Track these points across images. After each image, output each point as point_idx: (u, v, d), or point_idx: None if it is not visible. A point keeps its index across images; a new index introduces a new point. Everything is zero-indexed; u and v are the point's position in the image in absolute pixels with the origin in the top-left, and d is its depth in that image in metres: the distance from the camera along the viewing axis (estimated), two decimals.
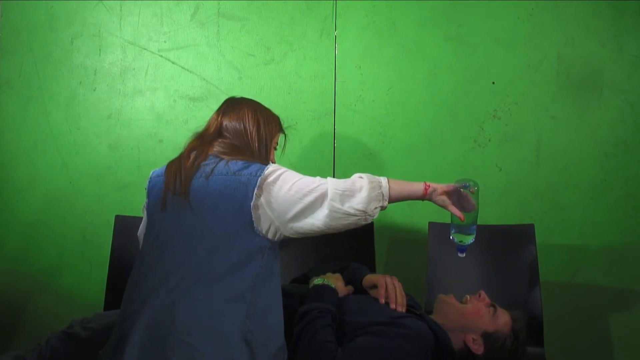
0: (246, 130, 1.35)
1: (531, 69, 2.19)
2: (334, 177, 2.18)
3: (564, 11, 2.19)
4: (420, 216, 2.16)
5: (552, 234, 2.15)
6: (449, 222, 1.41)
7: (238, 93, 2.22)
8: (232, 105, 1.42)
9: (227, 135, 1.35)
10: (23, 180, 2.25)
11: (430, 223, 2.02)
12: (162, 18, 2.26)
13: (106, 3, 2.27)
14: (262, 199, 1.19)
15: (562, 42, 2.19)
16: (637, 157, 2.16)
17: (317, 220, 1.20)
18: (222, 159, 1.27)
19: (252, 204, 1.18)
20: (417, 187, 1.31)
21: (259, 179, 1.19)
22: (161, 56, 2.26)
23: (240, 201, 1.19)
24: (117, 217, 2.02)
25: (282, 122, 1.47)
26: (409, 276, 1.63)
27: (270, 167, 1.24)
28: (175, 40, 2.26)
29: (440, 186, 1.32)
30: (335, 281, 1.49)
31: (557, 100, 2.19)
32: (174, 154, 1.40)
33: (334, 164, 2.22)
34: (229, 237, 1.18)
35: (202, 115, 2.24)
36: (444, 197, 1.33)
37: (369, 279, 1.54)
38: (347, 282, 1.55)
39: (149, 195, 1.32)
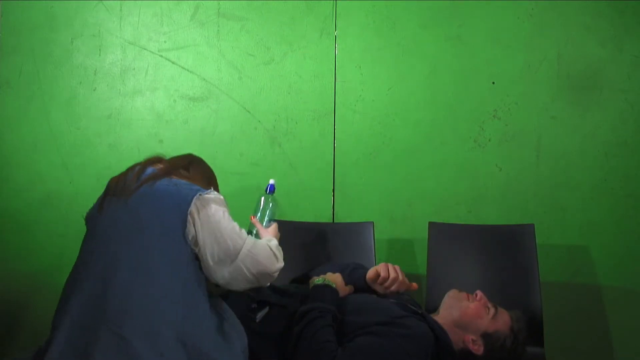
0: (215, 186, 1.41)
1: (531, 69, 2.19)
2: (333, 176, 2.21)
3: (564, 11, 2.19)
4: (420, 216, 2.16)
5: (552, 234, 2.15)
6: (448, 221, 1.40)
7: (238, 93, 2.25)
8: (199, 161, 1.45)
9: (193, 172, 1.37)
10: (23, 180, 2.25)
11: (430, 223, 2.01)
12: (162, 18, 2.26)
13: (106, 3, 2.27)
14: (199, 212, 1.20)
15: (562, 42, 2.19)
16: (637, 157, 2.16)
17: (217, 274, 1.21)
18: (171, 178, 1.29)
19: (189, 209, 1.19)
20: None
21: (199, 193, 1.21)
22: (161, 56, 2.26)
23: (179, 202, 1.20)
24: None
25: None
26: (409, 276, 1.62)
27: (214, 193, 1.25)
28: (175, 40, 2.26)
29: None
30: (335, 281, 1.49)
31: (557, 100, 2.18)
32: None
33: (334, 164, 2.22)
34: (166, 235, 1.19)
35: (202, 115, 2.24)
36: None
37: (372, 270, 1.56)
38: (347, 282, 1.55)
39: (90, 210, 1.36)
